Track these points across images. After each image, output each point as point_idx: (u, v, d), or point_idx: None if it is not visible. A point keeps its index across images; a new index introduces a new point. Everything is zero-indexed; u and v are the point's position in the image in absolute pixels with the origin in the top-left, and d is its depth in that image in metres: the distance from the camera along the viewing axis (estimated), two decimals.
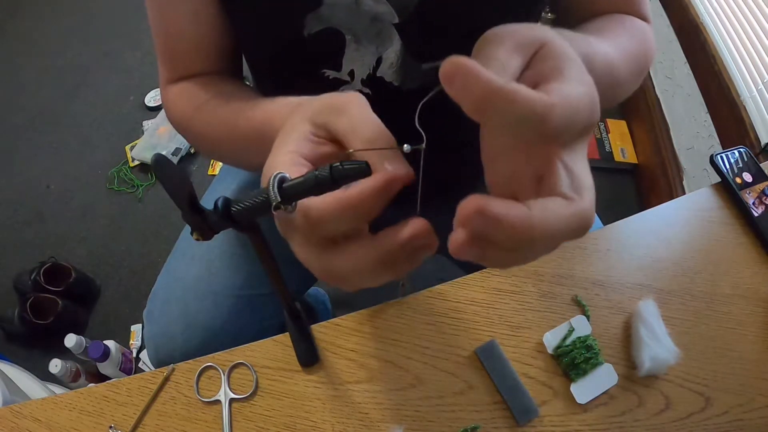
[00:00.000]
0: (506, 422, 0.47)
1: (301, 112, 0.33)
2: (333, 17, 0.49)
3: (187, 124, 0.54)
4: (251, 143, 0.43)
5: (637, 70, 0.48)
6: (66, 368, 1.24)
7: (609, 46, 0.42)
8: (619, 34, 0.47)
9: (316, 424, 0.47)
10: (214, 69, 0.56)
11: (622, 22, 0.50)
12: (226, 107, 0.49)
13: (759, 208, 0.56)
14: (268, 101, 0.43)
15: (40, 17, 2.33)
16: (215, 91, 0.52)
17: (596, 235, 0.56)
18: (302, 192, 0.26)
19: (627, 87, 0.47)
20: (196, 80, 0.54)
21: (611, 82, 0.40)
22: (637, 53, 0.48)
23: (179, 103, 0.54)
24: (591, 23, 0.50)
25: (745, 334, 0.51)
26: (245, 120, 0.44)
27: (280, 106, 0.40)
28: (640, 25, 0.52)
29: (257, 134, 0.41)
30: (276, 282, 0.43)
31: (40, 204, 1.72)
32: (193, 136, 0.54)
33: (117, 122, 1.91)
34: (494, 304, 0.52)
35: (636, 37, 0.49)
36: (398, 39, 0.50)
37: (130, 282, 1.54)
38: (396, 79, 0.53)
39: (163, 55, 0.56)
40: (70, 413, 0.49)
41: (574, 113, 0.25)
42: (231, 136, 0.47)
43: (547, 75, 0.27)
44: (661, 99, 1.56)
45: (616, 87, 0.43)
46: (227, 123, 0.47)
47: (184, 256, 0.70)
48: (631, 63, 0.45)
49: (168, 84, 0.56)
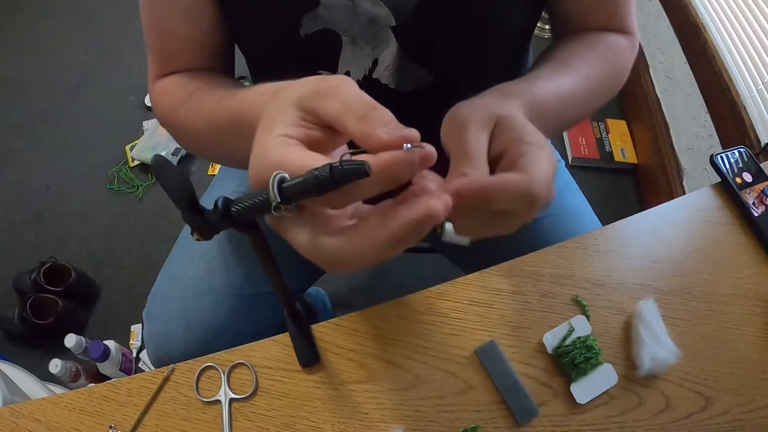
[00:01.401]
0: (506, 422, 0.47)
1: (283, 97, 0.32)
2: (330, 18, 0.49)
3: (170, 118, 0.52)
4: (227, 133, 0.42)
5: (607, 90, 0.52)
6: (66, 368, 1.24)
7: (568, 78, 0.47)
8: (589, 61, 0.50)
9: (316, 424, 0.47)
10: (204, 66, 0.55)
11: (592, 46, 0.53)
12: (208, 99, 0.47)
13: (759, 208, 0.56)
14: (244, 89, 0.41)
15: (40, 17, 2.33)
16: (201, 83, 0.51)
17: (596, 235, 0.56)
18: (302, 192, 0.26)
19: (589, 109, 0.51)
20: (182, 75, 0.53)
21: (557, 113, 0.45)
22: (606, 77, 0.52)
23: (164, 97, 0.53)
24: (567, 45, 0.53)
25: (745, 334, 0.51)
26: (224, 109, 0.42)
27: (255, 94, 0.38)
28: (614, 45, 0.54)
29: (232, 123, 0.40)
30: (276, 282, 0.43)
31: (40, 204, 1.72)
32: (179, 130, 0.52)
33: (117, 122, 1.91)
34: (494, 304, 0.52)
35: (608, 61, 0.52)
36: (395, 41, 0.50)
37: (130, 282, 1.54)
38: (392, 82, 0.53)
39: (154, 50, 0.55)
40: (70, 413, 0.49)
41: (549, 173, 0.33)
42: (211, 127, 0.45)
43: (512, 150, 0.34)
44: (661, 99, 1.56)
45: (572, 113, 0.48)
46: (208, 115, 0.46)
47: (184, 255, 0.70)
48: (594, 89, 0.49)
49: (156, 79, 0.55)
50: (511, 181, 0.32)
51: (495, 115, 0.36)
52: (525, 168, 0.32)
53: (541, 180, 0.32)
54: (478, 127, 0.35)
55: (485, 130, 0.35)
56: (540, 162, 0.33)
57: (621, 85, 0.54)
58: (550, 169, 0.34)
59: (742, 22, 1.22)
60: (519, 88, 0.42)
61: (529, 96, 0.42)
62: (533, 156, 0.33)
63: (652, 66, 1.61)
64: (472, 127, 0.35)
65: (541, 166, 0.33)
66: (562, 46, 0.52)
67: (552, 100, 0.44)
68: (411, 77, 0.53)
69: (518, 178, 0.32)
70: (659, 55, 1.57)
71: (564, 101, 0.46)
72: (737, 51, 1.21)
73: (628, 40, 0.55)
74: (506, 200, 0.32)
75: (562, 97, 0.46)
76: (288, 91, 0.32)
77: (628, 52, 0.54)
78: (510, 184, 0.32)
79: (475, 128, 0.35)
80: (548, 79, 0.46)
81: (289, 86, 0.33)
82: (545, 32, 1.90)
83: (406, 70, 0.53)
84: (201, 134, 0.47)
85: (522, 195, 0.32)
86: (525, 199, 0.32)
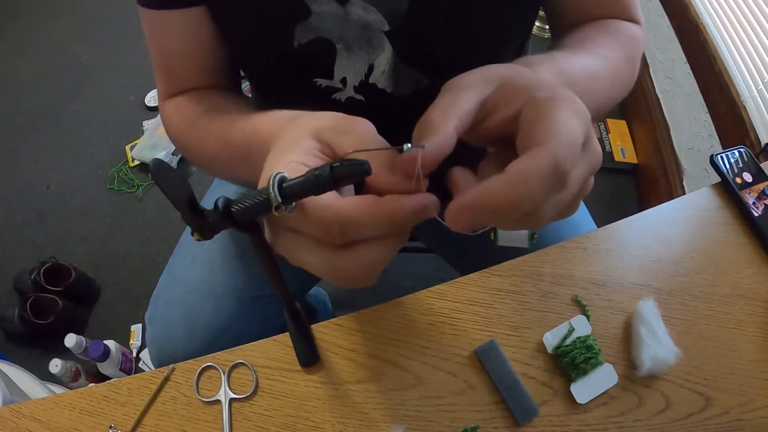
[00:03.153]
0: (506, 422, 0.47)
1: (301, 125, 0.33)
2: (322, 27, 0.49)
3: (183, 142, 0.53)
4: (239, 157, 0.43)
5: (626, 75, 0.48)
6: (66, 368, 1.24)
7: (588, 58, 0.42)
8: (603, 44, 0.46)
9: (316, 424, 0.47)
10: (210, 83, 0.56)
11: (607, 30, 0.49)
12: (218, 122, 0.48)
13: (759, 208, 0.56)
14: (258, 115, 0.42)
15: (40, 17, 2.33)
16: (209, 104, 0.51)
17: (596, 235, 0.56)
18: (302, 192, 0.26)
19: (612, 95, 0.46)
20: (191, 95, 0.54)
21: (585, 90, 0.38)
22: (623, 61, 0.47)
23: (175, 119, 0.54)
24: (576, 33, 0.50)
25: (745, 334, 0.51)
26: (236, 132, 0.43)
27: (272, 118, 0.39)
28: (627, 30, 0.51)
29: (245, 147, 0.41)
30: (276, 282, 0.43)
31: (40, 204, 1.72)
32: (190, 153, 0.54)
33: (117, 122, 1.91)
34: (494, 304, 0.52)
35: (622, 44, 0.48)
36: (389, 46, 0.50)
37: (130, 282, 1.54)
38: (388, 86, 0.53)
39: (159, 68, 0.55)
40: (70, 413, 0.49)
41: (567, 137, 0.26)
42: (223, 150, 0.46)
43: (524, 118, 0.28)
44: (661, 99, 1.56)
45: (600, 95, 0.43)
46: (219, 138, 0.47)
47: (186, 257, 0.70)
48: (614, 72, 0.45)
49: (165, 99, 0.56)
50: (509, 179, 0.25)
51: (496, 77, 0.30)
52: (535, 140, 0.26)
53: (561, 151, 0.25)
54: (459, 89, 0.29)
55: (470, 91, 0.29)
56: (553, 126, 0.26)
57: (636, 72, 0.50)
58: (569, 131, 0.26)
59: (742, 22, 1.22)
60: (539, 59, 0.37)
61: (554, 65, 0.36)
62: (544, 120, 0.26)
63: (652, 66, 1.61)
64: (452, 88, 0.30)
65: (556, 130, 0.25)
66: (571, 35, 0.49)
67: (578, 72, 0.39)
68: (406, 81, 0.53)
69: (524, 167, 0.25)
70: (659, 55, 1.57)
71: (591, 76, 0.40)
72: (737, 51, 1.21)
73: (637, 28, 0.52)
74: (514, 207, 0.25)
75: (587, 72, 0.40)
76: (307, 120, 0.33)
77: (640, 39, 0.52)
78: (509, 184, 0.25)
79: (455, 89, 0.29)
80: (569, 56, 0.40)
81: (309, 116, 0.34)
82: (545, 32, 1.90)
83: (402, 74, 0.53)
84: (212, 154, 0.49)
85: (535, 186, 0.24)
86: (544, 187, 0.25)
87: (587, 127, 0.27)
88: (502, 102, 0.29)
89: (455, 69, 0.54)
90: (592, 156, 0.28)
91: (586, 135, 0.27)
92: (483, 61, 0.58)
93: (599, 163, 0.29)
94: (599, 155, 0.29)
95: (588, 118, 0.28)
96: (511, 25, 0.54)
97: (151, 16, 0.50)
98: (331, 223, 0.27)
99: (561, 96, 0.28)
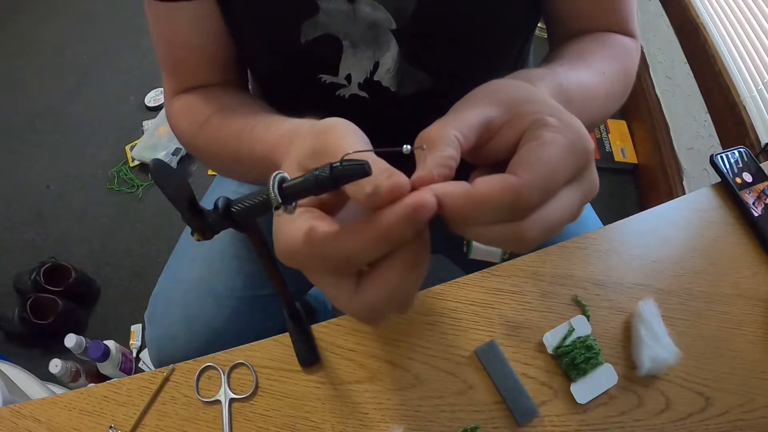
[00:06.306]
0: (506, 422, 0.47)
1: (291, 156, 0.32)
2: (330, 24, 0.49)
3: (191, 142, 0.53)
4: (255, 172, 0.43)
5: (620, 90, 0.49)
6: (66, 368, 1.24)
7: (586, 74, 0.43)
8: (602, 58, 0.47)
9: (316, 424, 0.47)
10: (218, 80, 0.55)
11: (604, 44, 0.50)
12: (228, 127, 0.48)
13: (759, 208, 0.56)
14: (263, 129, 0.41)
15: (40, 17, 2.33)
16: (218, 105, 0.51)
17: (596, 235, 0.56)
18: (302, 192, 0.26)
19: (606, 110, 0.47)
20: (199, 94, 0.54)
21: (581, 107, 0.39)
22: (619, 75, 0.48)
23: (183, 119, 0.54)
24: (576, 44, 0.50)
25: (745, 334, 0.51)
26: (247, 149, 0.43)
27: (275, 139, 0.38)
28: (624, 45, 0.52)
29: (260, 168, 0.40)
30: (276, 282, 0.43)
31: (40, 204, 1.72)
32: (198, 153, 0.54)
33: (117, 122, 1.91)
34: (494, 304, 0.52)
35: (619, 59, 0.49)
36: (395, 44, 0.50)
37: (130, 282, 1.54)
38: (392, 84, 0.53)
39: (166, 64, 0.55)
40: (70, 413, 0.49)
41: (551, 175, 0.26)
42: (235, 159, 0.46)
43: (526, 135, 0.28)
44: (661, 99, 1.56)
45: (594, 112, 0.44)
46: (229, 146, 0.47)
47: (185, 257, 0.70)
48: (609, 89, 0.46)
49: (172, 96, 0.55)
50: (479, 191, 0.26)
51: (505, 101, 0.30)
52: (513, 169, 0.27)
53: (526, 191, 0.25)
54: (466, 106, 0.30)
55: (477, 111, 0.30)
56: (539, 162, 0.26)
57: (630, 86, 0.51)
58: (550, 172, 0.26)
59: (742, 22, 1.22)
60: (541, 73, 0.37)
61: (554, 80, 0.37)
62: (533, 153, 0.27)
63: (652, 66, 1.61)
64: (464, 103, 0.31)
65: (538, 169, 0.26)
66: (570, 46, 0.50)
67: (576, 89, 0.40)
68: (410, 80, 0.53)
69: (493, 183, 0.26)
70: (659, 55, 1.57)
71: (587, 93, 0.42)
72: (737, 51, 1.21)
73: (633, 42, 0.53)
74: (484, 213, 0.26)
75: (584, 88, 0.41)
76: (293, 149, 0.33)
77: (635, 53, 0.53)
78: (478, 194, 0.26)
79: (467, 104, 0.30)
80: (567, 70, 0.41)
81: (295, 141, 0.34)
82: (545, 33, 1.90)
83: (406, 73, 0.53)
84: (222, 161, 0.51)
85: (497, 203, 0.25)
86: (503, 208, 0.26)
87: (585, 160, 0.28)
88: (507, 127, 0.30)
89: (459, 71, 0.53)
90: (586, 185, 0.29)
91: (579, 168, 0.28)
92: (486, 63, 0.57)
93: (594, 194, 0.29)
94: (595, 186, 0.29)
95: (588, 150, 0.28)
96: (515, 27, 0.55)
97: (161, 8, 0.50)
98: (327, 260, 0.27)
99: (564, 130, 0.28)
